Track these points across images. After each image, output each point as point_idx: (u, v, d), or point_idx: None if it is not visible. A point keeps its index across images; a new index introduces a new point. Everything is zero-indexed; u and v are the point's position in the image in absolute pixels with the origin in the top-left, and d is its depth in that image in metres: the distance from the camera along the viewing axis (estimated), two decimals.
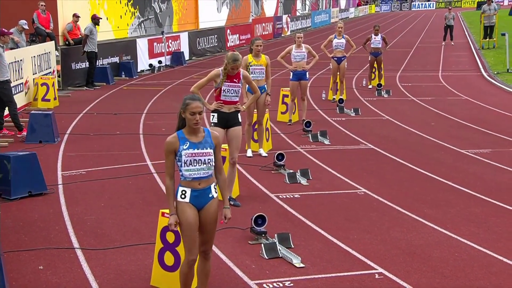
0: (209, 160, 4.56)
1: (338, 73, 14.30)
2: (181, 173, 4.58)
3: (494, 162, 9.59)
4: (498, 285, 5.38)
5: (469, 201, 7.73)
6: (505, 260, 5.91)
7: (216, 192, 4.67)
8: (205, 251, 4.73)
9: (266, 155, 9.67)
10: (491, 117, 13.31)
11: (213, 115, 7.33)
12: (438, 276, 5.55)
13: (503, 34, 21.72)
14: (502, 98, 15.95)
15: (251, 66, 9.57)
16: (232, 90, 7.27)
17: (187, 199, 4.57)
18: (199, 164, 4.53)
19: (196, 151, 4.54)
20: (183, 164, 4.53)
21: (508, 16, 48.84)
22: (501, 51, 24.35)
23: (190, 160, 4.52)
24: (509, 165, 9.36)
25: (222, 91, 7.26)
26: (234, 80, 7.29)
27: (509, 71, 20.06)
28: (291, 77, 11.82)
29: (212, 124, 7.30)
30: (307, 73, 11.82)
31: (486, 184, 8.44)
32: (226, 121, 7.31)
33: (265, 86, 9.64)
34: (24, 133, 10.81)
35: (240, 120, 7.42)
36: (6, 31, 10.98)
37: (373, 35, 16.21)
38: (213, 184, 4.66)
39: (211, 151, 4.59)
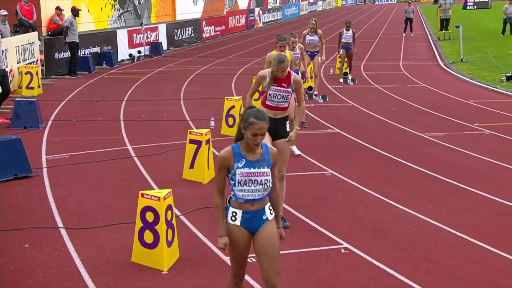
0: (266, 181, 3.80)
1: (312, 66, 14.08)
2: (233, 192, 3.85)
3: (449, 144, 9.72)
4: (451, 256, 5.48)
5: (426, 180, 7.84)
6: (457, 233, 6.02)
7: (271, 214, 3.92)
8: (268, 281, 3.83)
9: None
10: (446, 103, 13.48)
11: None
12: (398, 249, 5.63)
13: (457, 26, 22.00)
14: (456, 85, 16.16)
15: None
16: (279, 95, 5.98)
17: (237, 222, 3.84)
18: (255, 185, 3.79)
19: (252, 170, 3.78)
20: (236, 184, 3.79)
21: (462, 10, 49.40)
22: (455, 42, 24.65)
23: (245, 180, 3.78)
24: (462, 147, 9.51)
25: (268, 96, 6.01)
26: (283, 84, 5.98)
27: (463, 60, 20.33)
28: None
29: None
30: (299, 71, 10.44)
31: (441, 164, 8.56)
32: (273, 128, 5.73)
33: None
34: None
35: (288, 130, 6.12)
36: None
37: (344, 30, 15.90)
38: (267, 205, 3.91)
39: (269, 170, 3.83)
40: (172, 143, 9.49)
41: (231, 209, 3.88)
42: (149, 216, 5.13)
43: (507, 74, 16.29)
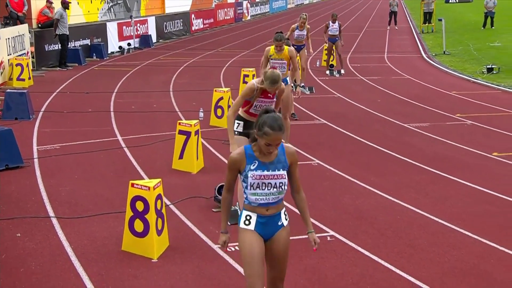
0: (280, 184, 3.49)
1: (299, 59, 13.92)
2: (246, 195, 3.55)
3: (431, 134, 9.78)
4: (434, 243, 5.52)
5: (410, 169, 7.88)
6: (440, 221, 6.06)
7: (286, 220, 3.64)
8: (274, 286, 3.70)
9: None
10: (429, 95, 13.54)
11: (238, 123, 5.82)
12: (382, 237, 5.66)
13: (440, 20, 22.10)
14: (439, 77, 16.23)
15: (271, 59, 8.28)
16: (264, 106, 5.64)
17: (251, 226, 3.53)
18: (268, 188, 3.48)
19: (265, 173, 3.46)
20: (248, 187, 3.48)
21: (444, 3, 49.56)
22: (438, 35, 24.73)
23: (258, 183, 3.46)
24: (445, 137, 9.57)
25: (253, 105, 5.79)
26: (269, 95, 5.81)
27: (445, 53, 20.43)
28: None
29: (236, 133, 5.79)
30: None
31: (424, 154, 8.61)
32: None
33: (287, 79, 8.35)
34: None
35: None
36: None
37: (330, 22, 15.81)
38: (283, 210, 3.64)
39: (284, 173, 3.52)
40: (162, 134, 9.45)
41: (244, 212, 3.56)
42: (139, 206, 5.11)
43: (488, 66, 16.41)
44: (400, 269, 4.98)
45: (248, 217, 3.55)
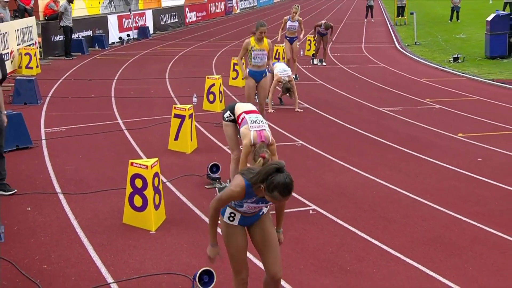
0: (271, 205, 3.36)
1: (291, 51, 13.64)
2: (234, 203, 3.35)
3: (404, 117, 9.79)
4: (405, 215, 5.56)
5: (385, 149, 7.89)
6: (411, 195, 6.10)
7: (266, 207, 3.49)
8: (274, 276, 3.40)
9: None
10: (402, 81, 13.54)
11: (230, 114, 5.55)
12: (359, 210, 5.68)
13: (412, 13, 22.07)
14: (411, 65, 16.23)
15: (253, 50, 7.77)
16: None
17: (235, 222, 3.38)
18: (259, 208, 3.38)
19: (260, 204, 3.30)
20: (242, 210, 3.34)
21: None
22: (410, 27, 24.69)
23: (252, 209, 3.35)
24: (416, 120, 9.59)
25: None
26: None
27: (417, 43, 20.43)
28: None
29: (226, 119, 5.63)
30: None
31: (398, 135, 8.63)
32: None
33: (266, 70, 8.05)
34: None
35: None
36: None
37: (323, 25, 15.52)
38: None
39: None
40: (159, 117, 9.37)
41: (228, 210, 3.36)
42: (138, 183, 5.08)
43: (454, 56, 16.44)
44: (375, 239, 5.01)
45: (232, 215, 3.37)
